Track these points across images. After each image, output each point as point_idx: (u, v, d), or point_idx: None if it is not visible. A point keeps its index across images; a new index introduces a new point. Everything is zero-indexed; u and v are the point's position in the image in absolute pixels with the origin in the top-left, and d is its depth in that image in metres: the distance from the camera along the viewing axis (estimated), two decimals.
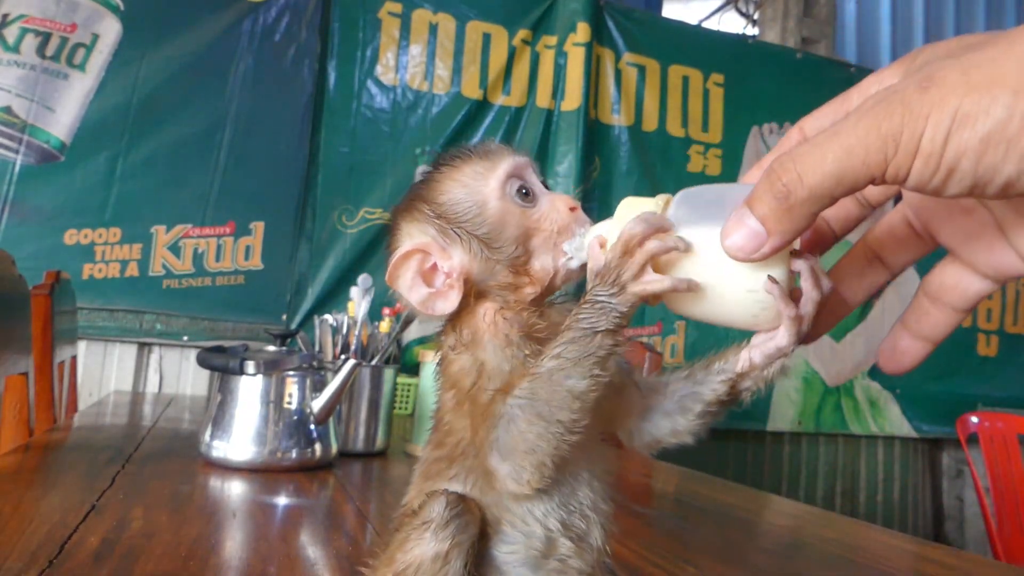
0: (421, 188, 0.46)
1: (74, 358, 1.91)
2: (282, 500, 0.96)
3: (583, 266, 0.43)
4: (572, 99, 2.70)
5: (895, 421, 3.05)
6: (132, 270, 2.28)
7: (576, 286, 0.45)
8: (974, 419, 2.85)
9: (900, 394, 3.06)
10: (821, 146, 0.30)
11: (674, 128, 2.87)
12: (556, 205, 0.45)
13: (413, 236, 0.46)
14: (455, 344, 0.44)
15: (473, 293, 0.44)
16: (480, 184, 0.45)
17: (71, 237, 2.23)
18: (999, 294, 3.29)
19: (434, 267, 0.44)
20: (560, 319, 0.42)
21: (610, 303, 0.38)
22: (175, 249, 2.32)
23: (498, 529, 0.42)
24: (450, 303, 0.44)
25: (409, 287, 0.44)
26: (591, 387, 0.38)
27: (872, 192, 0.37)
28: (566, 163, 2.67)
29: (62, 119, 2.26)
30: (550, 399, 0.38)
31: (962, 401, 3.08)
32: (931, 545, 1.04)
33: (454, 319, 0.45)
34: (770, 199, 0.32)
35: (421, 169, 2.49)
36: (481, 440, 0.40)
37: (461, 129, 2.61)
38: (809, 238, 0.40)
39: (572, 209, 0.45)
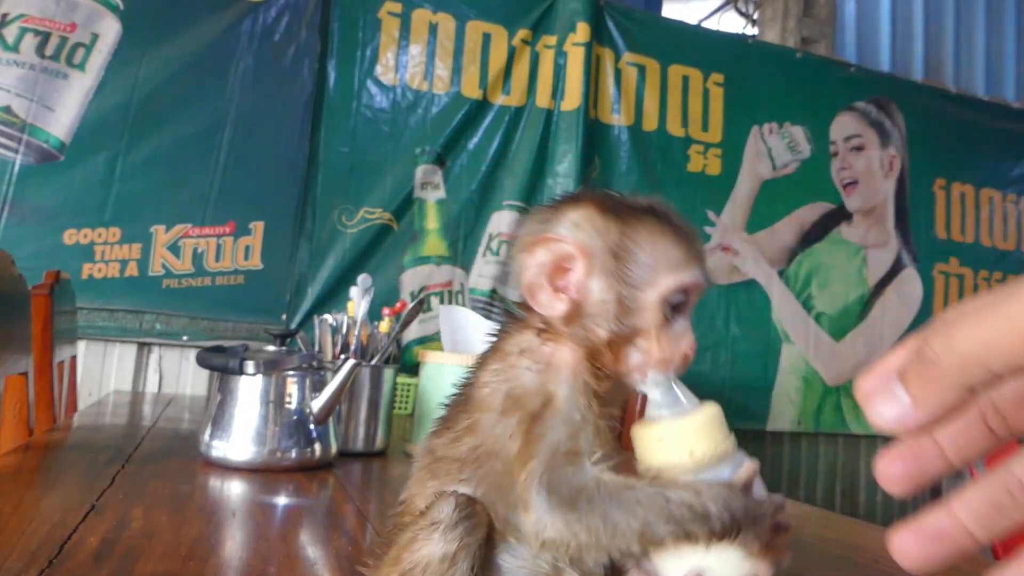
0: (624, 208, 0.43)
1: (74, 358, 1.91)
2: (282, 500, 0.96)
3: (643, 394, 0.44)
4: (572, 99, 2.70)
5: None
6: (132, 270, 2.28)
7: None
8: None
9: None
10: (979, 311, 0.27)
11: (674, 128, 2.87)
12: (681, 339, 0.43)
13: (580, 230, 0.42)
14: (529, 359, 0.43)
15: (567, 321, 0.43)
16: (662, 268, 0.42)
17: (71, 237, 2.23)
18: None
19: (568, 269, 0.42)
20: (621, 392, 0.43)
21: (735, 528, 0.39)
22: (175, 249, 2.32)
23: (506, 539, 0.42)
24: (552, 308, 0.42)
25: (536, 266, 0.42)
26: (660, 540, 0.38)
27: (1015, 415, 0.31)
28: (566, 163, 2.67)
29: (62, 119, 2.26)
30: (628, 517, 0.38)
31: None
32: None
33: (531, 329, 0.44)
34: (916, 364, 0.28)
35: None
36: (529, 475, 0.39)
37: (461, 129, 2.61)
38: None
39: (685, 356, 0.43)
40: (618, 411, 0.44)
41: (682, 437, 0.40)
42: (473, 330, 1.33)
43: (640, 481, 0.39)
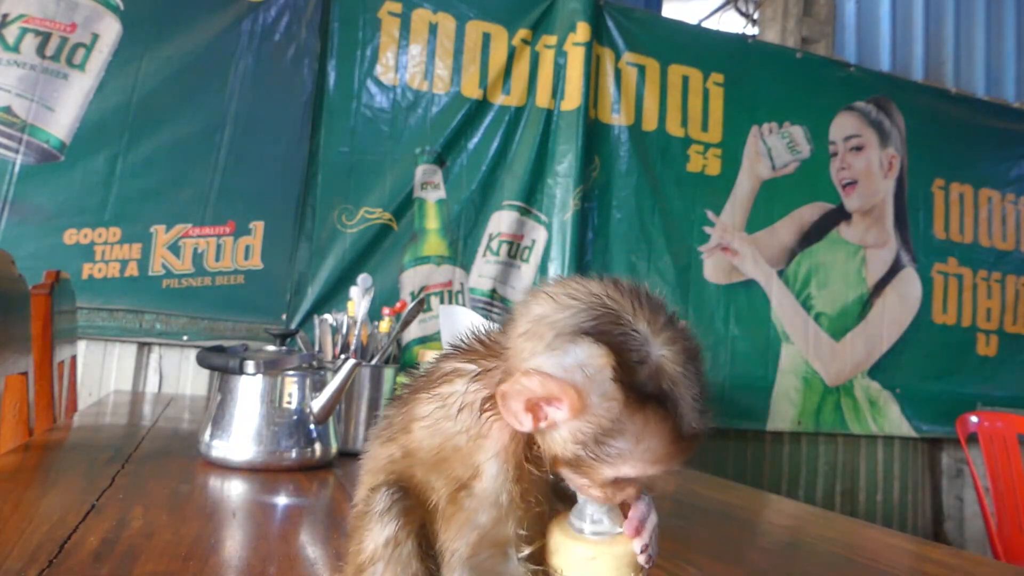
0: (637, 381, 0.38)
1: (74, 358, 1.91)
2: (282, 500, 0.96)
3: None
4: (572, 99, 2.70)
5: (895, 421, 3.05)
6: (132, 270, 2.28)
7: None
8: (974, 419, 2.85)
9: (900, 394, 3.06)
10: None
11: (674, 128, 2.87)
12: (626, 492, 0.41)
13: (585, 383, 0.37)
14: (466, 421, 0.41)
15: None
16: (633, 459, 0.39)
17: (71, 237, 2.23)
18: (999, 293, 3.30)
19: (551, 402, 0.38)
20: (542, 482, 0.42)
21: None
22: (175, 249, 2.32)
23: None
24: (515, 422, 0.39)
25: (524, 389, 0.38)
26: None
27: None
28: (566, 163, 2.67)
29: (62, 119, 2.26)
30: None
31: (962, 401, 3.09)
32: (931, 544, 1.04)
33: (481, 382, 0.42)
34: None
35: (419, 172, 2.49)
36: (453, 556, 0.40)
37: (461, 129, 2.61)
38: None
39: (631, 526, 0.41)
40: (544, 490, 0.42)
41: (612, 564, 0.40)
42: (472, 329, 1.33)
43: None
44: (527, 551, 0.40)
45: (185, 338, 2.33)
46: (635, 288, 0.40)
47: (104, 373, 2.32)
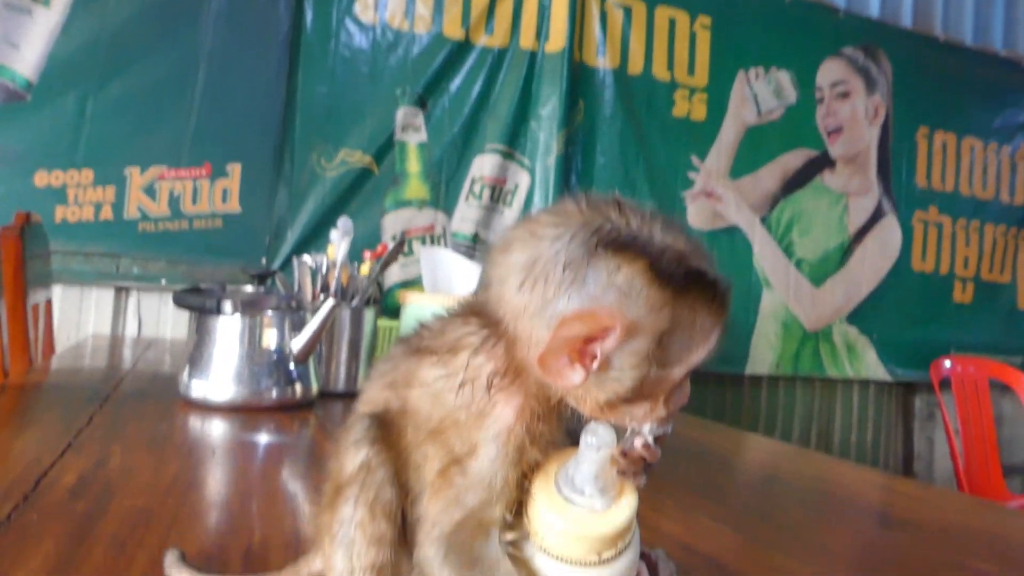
0: (676, 273, 0.35)
1: (49, 302, 1.88)
2: (263, 438, 0.96)
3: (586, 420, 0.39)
4: (556, 40, 2.65)
5: (871, 365, 3.10)
6: (107, 213, 2.24)
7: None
8: (947, 363, 2.91)
9: (877, 339, 3.10)
10: None
11: (660, 72, 2.82)
12: (684, 393, 0.39)
13: (628, 301, 0.35)
14: (468, 396, 0.39)
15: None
16: (698, 344, 0.37)
17: (41, 179, 2.18)
18: (976, 242, 3.33)
19: (598, 339, 0.35)
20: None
21: None
22: (150, 191, 2.27)
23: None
24: (563, 378, 0.36)
25: (566, 340, 0.35)
26: None
27: None
28: (549, 106, 2.62)
29: (27, 56, 2.18)
30: None
31: (936, 346, 3.14)
32: (901, 479, 1.06)
33: (488, 351, 0.39)
34: None
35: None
36: (434, 526, 0.39)
37: (443, 70, 2.55)
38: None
39: (661, 421, 0.40)
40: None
41: (597, 537, 0.38)
42: (454, 270, 1.32)
43: None
44: (511, 536, 0.39)
45: (163, 282, 2.30)
46: (607, 197, 0.38)
47: (82, 318, 2.29)
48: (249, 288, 1.17)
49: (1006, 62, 3.42)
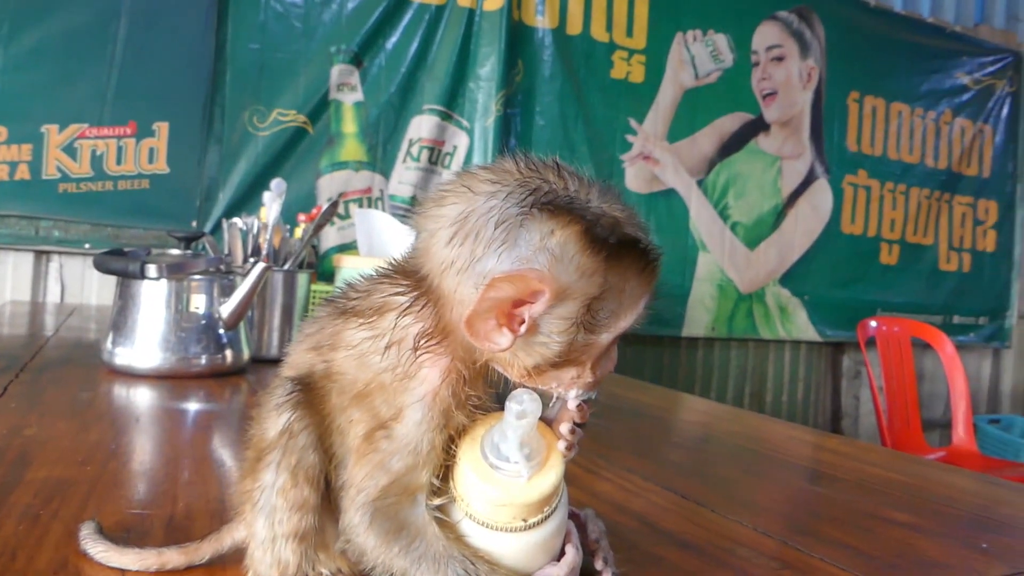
0: (609, 239, 0.35)
1: None
2: (191, 406, 0.94)
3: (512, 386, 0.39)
4: None
5: (802, 326, 3.20)
6: (23, 172, 2.12)
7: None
8: (873, 323, 3.02)
9: (808, 300, 3.20)
10: None
11: (598, 32, 2.80)
12: (611, 359, 0.40)
13: (559, 265, 0.34)
14: (395, 358, 0.38)
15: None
16: (628, 311, 0.37)
17: None
18: (903, 205, 3.44)
19: (526, 303, 0.35)
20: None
21: None
22: (70, 151, 2.16)
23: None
24: (490, 342, 0.36)
25: (493, 300, 0.34)
26: None
27: None
28: (488, 66, 2.58)
29: None
30: None
31: (864, 307, 3.26)
32: (828, 436, 1.10)
33: (415, 313, 0.38)
34: None
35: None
36: (359, 492, 0.38)
37: (379, 27, 2.48)
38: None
39: (588, 386, 0.40)
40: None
41: (523, 504, 0.38)
42: (390, 233, 1.30)
43: (464, 551, 0.38)
44: (437, 501, 0.39)
45: (87, 246, 2.21)
46: (546, 159, 0.38)
47: None
48: (175, 251, 1.12)
49: (933, 28, 3.51)
